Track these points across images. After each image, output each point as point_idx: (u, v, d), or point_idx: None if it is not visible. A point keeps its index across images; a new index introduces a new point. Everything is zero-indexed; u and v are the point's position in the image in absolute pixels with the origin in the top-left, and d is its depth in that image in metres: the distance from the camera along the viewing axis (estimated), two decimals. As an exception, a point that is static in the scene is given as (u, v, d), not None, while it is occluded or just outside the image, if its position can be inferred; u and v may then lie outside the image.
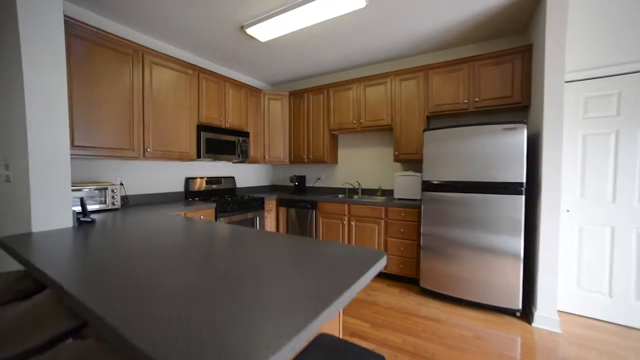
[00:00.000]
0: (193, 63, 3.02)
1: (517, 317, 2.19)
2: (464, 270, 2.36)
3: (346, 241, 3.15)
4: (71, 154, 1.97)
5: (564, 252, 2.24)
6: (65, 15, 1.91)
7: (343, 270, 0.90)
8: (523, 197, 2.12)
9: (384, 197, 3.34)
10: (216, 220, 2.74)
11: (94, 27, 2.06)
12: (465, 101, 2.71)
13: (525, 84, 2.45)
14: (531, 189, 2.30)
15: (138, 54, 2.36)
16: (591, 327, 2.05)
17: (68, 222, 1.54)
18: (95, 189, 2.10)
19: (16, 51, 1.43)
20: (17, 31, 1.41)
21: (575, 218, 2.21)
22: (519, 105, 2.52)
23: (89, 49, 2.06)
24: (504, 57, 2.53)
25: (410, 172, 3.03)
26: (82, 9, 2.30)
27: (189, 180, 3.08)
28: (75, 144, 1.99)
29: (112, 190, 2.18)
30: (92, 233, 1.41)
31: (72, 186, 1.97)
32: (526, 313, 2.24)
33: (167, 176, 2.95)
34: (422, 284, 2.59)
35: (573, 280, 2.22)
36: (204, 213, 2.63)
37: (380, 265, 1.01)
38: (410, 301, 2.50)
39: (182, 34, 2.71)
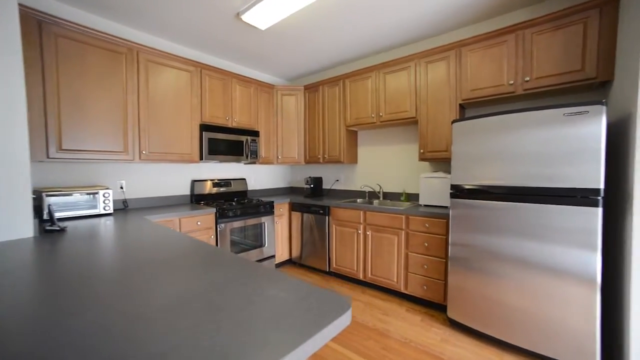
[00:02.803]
0: (196, 60, 2.89)
1: (588, 380, 1.56)
2: (508, 295, 1.78)
3: (361, 254, 2.73)
4: (59, 158, 1.92)
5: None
6: (50, 15, 1.85)
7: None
8: (600, 209, 1.49)
9: (409, 203, 2.83)
10: (216, 226, 2.56)
11: (81, 26, 1.99)
12: (511, 82, 2.08)
13: (605, 51, 1.76)
14: (613, 197, 1.63)
15: (132, 52, 2.26)
16: None
17: (29, 232, 1.44)
18: (86, 194, 2.04)
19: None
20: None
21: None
22: (593, 82, 1.83)
23: (79, 49, 2.00)
24: (570, 16, 1.86)
25: (439, 174, 2.48)
26: (70, 7, 2.22)
27: (194, 183, 2.96)
28: (63, 147, 1.94)
29: (104, 195, 2.11)
30: (49, 246, 1.26)
31: (59, 191, 1.91)
32: (603, 375, 1.58)
33: (172, 179, 2.86)
34: (450, 314, 2.06)
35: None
36: (202, 219, 2.46)
37: (339, 325, 0.63)
38: (434, 335, 1.99)
39: (176, 28, 2.56)
